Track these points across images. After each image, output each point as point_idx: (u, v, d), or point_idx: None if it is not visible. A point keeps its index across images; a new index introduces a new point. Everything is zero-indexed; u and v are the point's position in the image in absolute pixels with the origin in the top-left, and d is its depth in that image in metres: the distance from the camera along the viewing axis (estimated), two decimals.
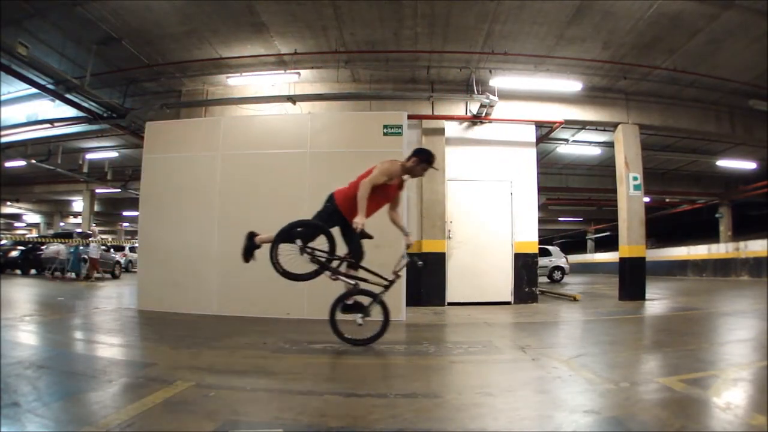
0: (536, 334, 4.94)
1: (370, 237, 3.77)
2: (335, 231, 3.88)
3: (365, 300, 3.90)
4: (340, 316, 3.90)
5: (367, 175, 3.78)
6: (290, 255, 3.74)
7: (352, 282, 3.86)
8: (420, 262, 4.04)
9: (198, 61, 7.97)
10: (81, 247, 12.66)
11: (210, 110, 8.68)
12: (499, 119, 8.28)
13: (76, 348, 3.98)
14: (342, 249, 3.91)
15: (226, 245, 6.14)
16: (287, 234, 3.75)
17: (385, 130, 6.14)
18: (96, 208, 20.24)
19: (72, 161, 13.61)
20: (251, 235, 3.95)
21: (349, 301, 3.90)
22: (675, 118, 9.14)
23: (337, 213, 3.82)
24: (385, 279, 3.91)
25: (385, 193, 3.85)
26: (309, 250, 3.75)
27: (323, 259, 3.79)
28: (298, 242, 3.71)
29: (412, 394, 2.54)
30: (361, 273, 3.92)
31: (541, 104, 8.53)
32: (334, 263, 3.85)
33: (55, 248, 12.94)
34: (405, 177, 3.97)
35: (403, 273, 4.48)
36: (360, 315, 3.86)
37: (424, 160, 3.93)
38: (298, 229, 3.77)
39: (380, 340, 3.86)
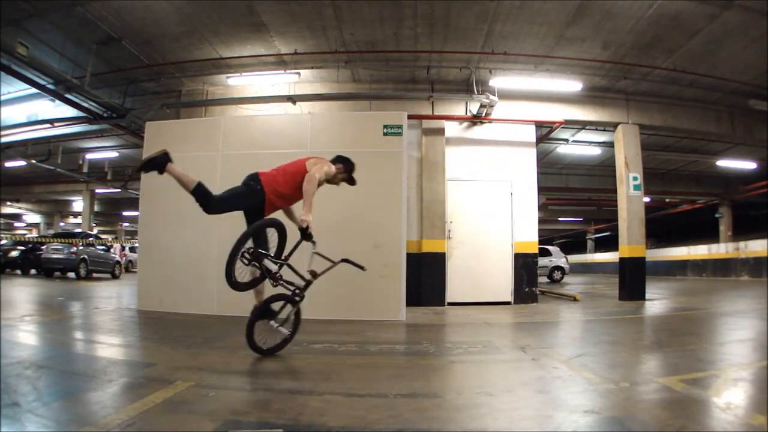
0: (536, 334, 4.93)
1: (312, 240, 3.37)
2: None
3: (278, 305, 3.50)
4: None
5: (299, 167, 3.48)
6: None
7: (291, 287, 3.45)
8: (362, 266, 3.48)
9: (198, 61, 7.97)
10: None
11: (210, 110, 8.67)
12: (499, 119, 8.28)
13: (76, 348, 3.98)
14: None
15: (227, 245, 6.12)
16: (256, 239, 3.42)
17: (385, 130, 6.15)
18: (96, 208, 20.26)
19: (72, 161, 13.61)
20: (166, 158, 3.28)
21: (275, 306, 3.49)
22: (675, 118, 9.14)
23: (261, 196, 3.41)
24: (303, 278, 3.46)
25: (298, 192, 3.43)
26: (264, 255, 3.38)
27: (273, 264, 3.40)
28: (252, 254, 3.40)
29: (412, 394, 2.54)
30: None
31: (541, 104, 8.52)
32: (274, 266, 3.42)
33: None
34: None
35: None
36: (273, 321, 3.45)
37: (348, 170, 3.67)
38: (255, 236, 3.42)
39: (380, 340, 3.85)
